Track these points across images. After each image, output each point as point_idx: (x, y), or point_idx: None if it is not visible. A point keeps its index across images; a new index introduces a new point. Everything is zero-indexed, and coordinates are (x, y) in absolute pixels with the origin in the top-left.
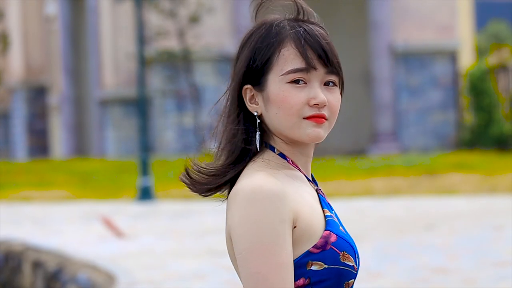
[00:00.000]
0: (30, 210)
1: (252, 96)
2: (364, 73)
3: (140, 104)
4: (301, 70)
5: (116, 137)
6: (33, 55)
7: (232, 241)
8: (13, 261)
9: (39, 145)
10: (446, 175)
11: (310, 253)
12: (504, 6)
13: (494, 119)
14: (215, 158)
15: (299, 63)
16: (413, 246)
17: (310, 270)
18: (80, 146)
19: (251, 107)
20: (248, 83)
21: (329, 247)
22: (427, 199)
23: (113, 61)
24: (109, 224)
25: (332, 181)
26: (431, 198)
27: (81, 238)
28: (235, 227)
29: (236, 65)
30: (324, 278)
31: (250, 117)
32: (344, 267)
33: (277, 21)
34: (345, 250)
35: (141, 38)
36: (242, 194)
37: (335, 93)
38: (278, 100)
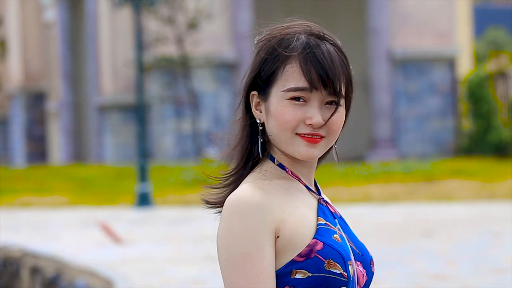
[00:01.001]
0: (29, 216)
1: (258, 103)
2: (363, 80)
3: (139, 110)
4: (302, 89)
5: (115, 143)
6: (32, 61)
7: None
8: (12, 267)
9: (38, 151)
10: (445, 182)
11: (294, 262)
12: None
13: (493, 126)
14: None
15: (301, 82)
16: (411, 253)
17: (295, 279)
18: (79, 152)
19: (256, 114)
20: (255, 90)
21: (314, 255)
22: (426, 206)
23: (112, 67)
24: (107, 230)
25: (330, 187)
26: (430, 205)
27: (79, 244)
28: (218, 239)
29: (249, 69)
30: (309, 286)
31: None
32: (330, 275)
33: (292, 34)
34: (332, 258)
35: (140, 44)
36: (226, 207)
37: (338, 112)
38: (276, 114)
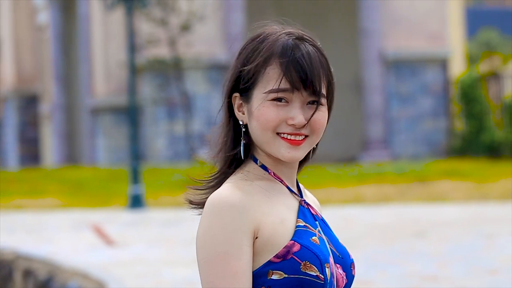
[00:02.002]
0: (22, 219)
1: (240, 105)
2: (355, 81)
3: (131, 112)
4: (283, 90)
5: (107, 145)
6: (25, 64)
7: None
8: (4, 270)
9: (31, 154)
10: (437, 183)
11: (271, 263)
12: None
13: (485, 127)
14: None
15: (282, 83)
16: (403, 254)
17: (271, 279)
18: (72, 155)
19: (239, 115)
20: (237, 92)
21: (290, 257)
22: (418, 207)
23: (104, 69)
24: (100, 232)
25: (323, 189)
26: (422, 206)
27: (72, 246)
28: (196, 239)
29: (230, 72)
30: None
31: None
32: (306, 277)
33: (272, 36)
34: (308, 260)
35: (132, 46)
36: (206, 207)
37: (320, 111)
38: (258, 115)
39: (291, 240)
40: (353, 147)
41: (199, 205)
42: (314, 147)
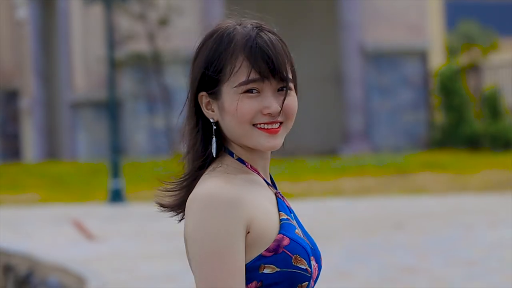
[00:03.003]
0: (1, 214)
1: (208, 103)
2: (335, 73)
3: (111, 107)
4: (254, 81)
5: (88, 140)
6: (4, 59)
7: (187, 248)
8: None
9: (11, 149)
10: (417, 175)
11: (263, 257)
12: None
13: (465, 119)
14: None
15: (252, 74)
16: (383, 246)
17: (263, 274)
18: (52, 149)
19: (208, 114)
20: (203, 90)
21: (282, 251)
22: (398, 199)
23: (84, 64)
24: (80, 227)
25: (303, 182)
26: (402, 198)
27: (52, 241)
28: (190, 234)
29: (192, 72)
30: (276, 281)
31: (208, 124)
32: (297, 270)
33: (230, 29)
34: (298, 254)
35: (111, 41)
36: (197, 201)
37: (290, 96)
38: (232, 109)
39: (280, 234)
40: (333, 140)
41: (171, 208)
42: None
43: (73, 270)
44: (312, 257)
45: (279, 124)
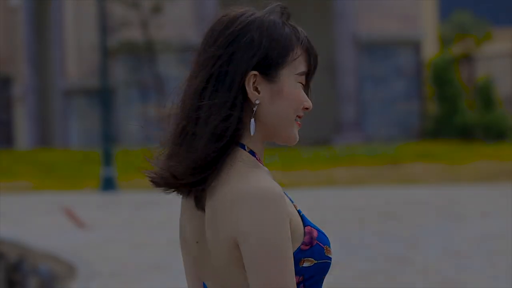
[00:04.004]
0: None
1: (255, 83)
2: (328, 63)
3: (103, 95)
4: (306, 74)
5: (80, 128)
6: None
7: (240, 246)
8: None
9: (4, 136)
10: (410, 165)
11: (301, 251)
12: None
13: (458, 109)
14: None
15: (305, 67)
16: (375, 236)
17: (303, 267)
18: (44, 137)
19: (253, 94)
20: (256, 70)
21: (316, 243)
22: (390, 189)
23: (77, 52)
24: (71, 215)
25: (296, 171)
26: (394, 188)
27: (43, 229)
28: (245, 232)
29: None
30: (312, 274)
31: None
32: (328, 261)
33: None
34: (327, 244)
35: (104, 29)
36: (251, 198)
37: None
38: (291, 96)
39: (307, 226)
40: (326, 130)
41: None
42: None
43: (64, 258)
44: None
45: None
